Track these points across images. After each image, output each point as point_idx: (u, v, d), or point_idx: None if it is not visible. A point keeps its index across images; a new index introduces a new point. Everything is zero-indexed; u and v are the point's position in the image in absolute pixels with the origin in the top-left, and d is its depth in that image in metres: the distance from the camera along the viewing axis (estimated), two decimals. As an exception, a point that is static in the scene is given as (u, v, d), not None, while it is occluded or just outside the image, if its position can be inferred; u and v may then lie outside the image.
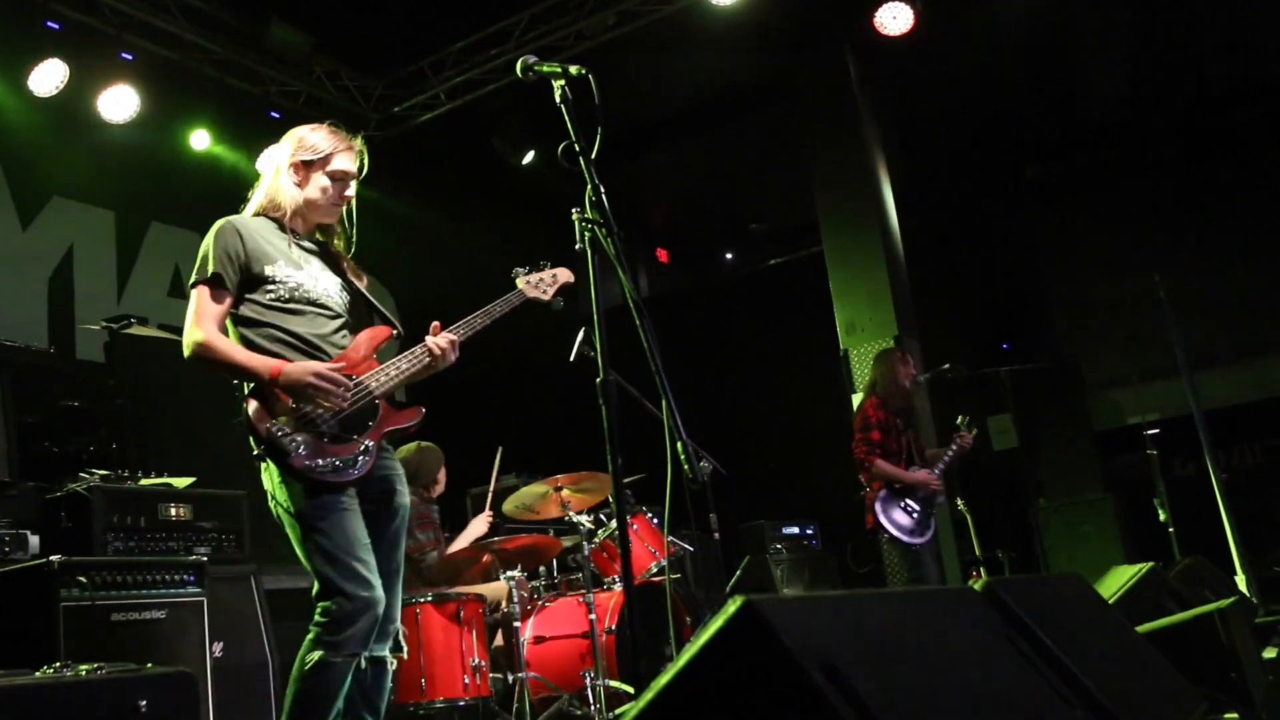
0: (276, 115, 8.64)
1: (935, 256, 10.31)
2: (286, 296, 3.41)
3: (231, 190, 8.16)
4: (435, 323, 3.56)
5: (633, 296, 2.84)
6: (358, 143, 3.62)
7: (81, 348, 7.33)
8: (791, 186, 10.71)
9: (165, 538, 4.84)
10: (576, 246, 2.99)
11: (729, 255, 13.94)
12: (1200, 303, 9.81)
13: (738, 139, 11.07)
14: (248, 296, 3.40)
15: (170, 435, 6.38)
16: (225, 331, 3.38)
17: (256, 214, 3.56)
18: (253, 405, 3.24)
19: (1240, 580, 6.42)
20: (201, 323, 3.32)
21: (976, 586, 2.21)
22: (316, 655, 3.14)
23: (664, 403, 2.77)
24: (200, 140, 8.20)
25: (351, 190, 3.59)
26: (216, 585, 4.75)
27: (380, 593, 3.25)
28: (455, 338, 3.55)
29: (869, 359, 7.56)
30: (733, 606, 1.56)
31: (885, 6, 8.05)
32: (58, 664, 3.05)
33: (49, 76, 7.14)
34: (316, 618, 3.21)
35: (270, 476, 3.30)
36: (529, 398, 9.93)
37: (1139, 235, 10.60)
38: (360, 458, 3.29)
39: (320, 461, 3.21)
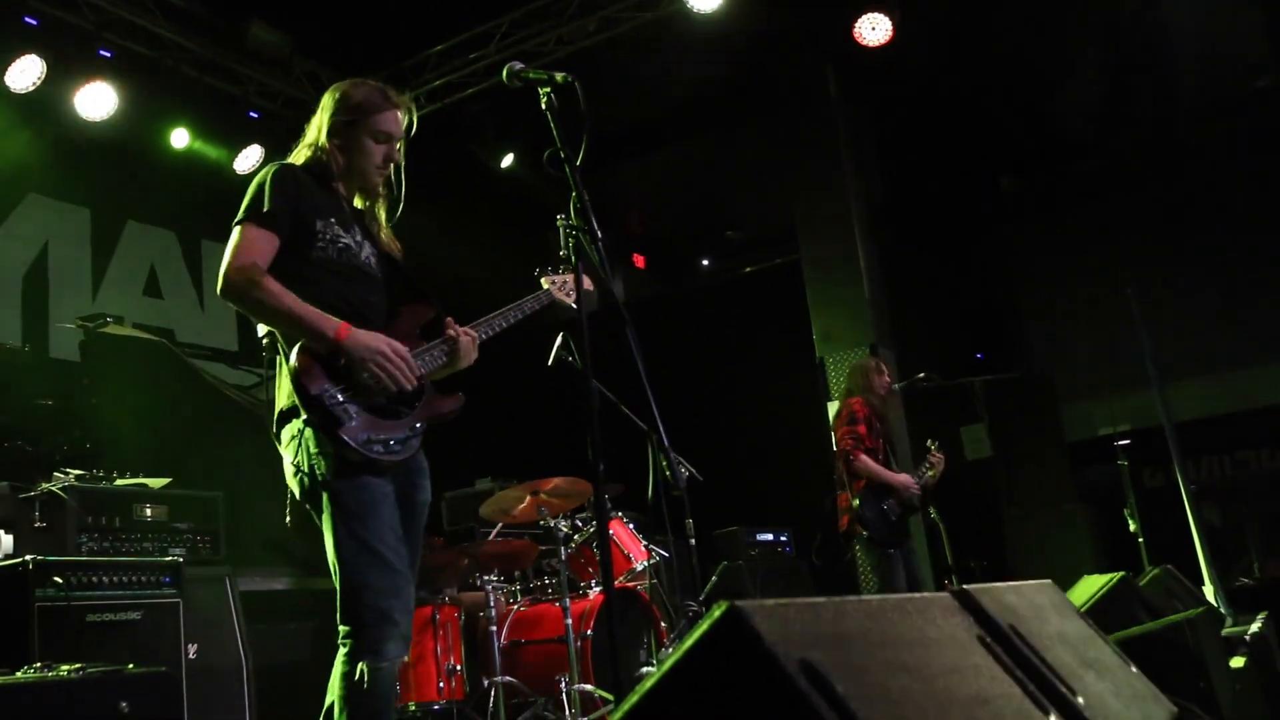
0: (255, 115, 8.60)
1: (911, 266, 10.38)
2: (335, 257, 3.13)
3: (210, 189, 8.22)
4: (449, 318, 3.32)
5: (619, 304, 2.86)
6: (405, 101, 3.32)
7: (56, 346, 7.26)
8: (768, 194, 10.75)
9: (140, 538, 4.85)
10: (561, 253, 2.99)
11: (705, 262, 13.94)
12: (1171, 315, 9.93)
13: (716, 146, 11.08)
14: (296, 251, 3.07)
15: (145, 435, 6.36)
16: None
17: (305, 166, 3.24)
18: (302, 363, 2.89)
19: (1208, 590, 6.49)
20: (249, 255, 2.95)
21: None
22: (360, 667, 2.83)
23: (650, 410, 2.78)
24: (179, 139, 8.11)
25: (397, 152, 3.30)
26: (191, 587, 4.75)
27: (412, 587, 3.00)
28: (475, 335, 3.33)
29: (845, 367, 7.60)
30: (718, 611, 1.58)
31: (865, 17, 8.09)
32: (38, 664, 3.04)
33: (26, 72, 7.04)
34: (342, 626, 2.90)
35: (304, 444, 2.96)
36: (505, 401, 9.93)
37: (1112, 247, 10.70)
38: (410, 438, 3.05)
39: (371, 436, 2.92)
